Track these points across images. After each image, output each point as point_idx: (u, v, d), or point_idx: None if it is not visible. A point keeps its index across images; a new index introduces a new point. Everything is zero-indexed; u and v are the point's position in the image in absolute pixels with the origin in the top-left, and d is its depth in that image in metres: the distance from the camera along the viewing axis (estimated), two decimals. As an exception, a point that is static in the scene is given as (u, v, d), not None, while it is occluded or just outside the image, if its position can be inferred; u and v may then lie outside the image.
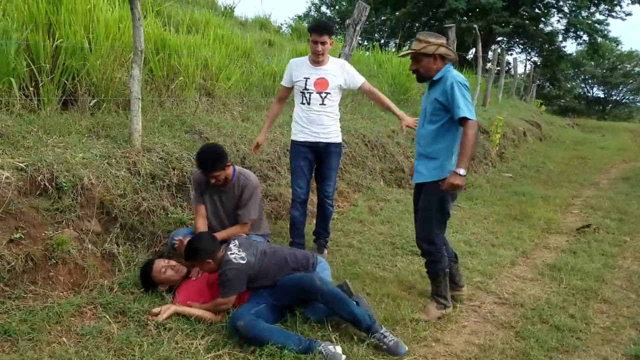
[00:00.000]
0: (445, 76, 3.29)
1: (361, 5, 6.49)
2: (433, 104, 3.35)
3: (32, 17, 4.53)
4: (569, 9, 25.62)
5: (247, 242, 3.33)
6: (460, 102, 3.19)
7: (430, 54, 3.30)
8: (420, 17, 27.00)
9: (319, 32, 4.01)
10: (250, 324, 2.85)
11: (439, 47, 3.29)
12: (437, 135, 3.37)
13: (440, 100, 3.28)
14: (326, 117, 4.20)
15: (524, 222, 5.99)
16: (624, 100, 42.46)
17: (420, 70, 3.37)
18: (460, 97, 3.20)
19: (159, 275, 3.30)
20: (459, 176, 3.18)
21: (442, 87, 3.27)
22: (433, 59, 3.31)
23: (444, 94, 3.25)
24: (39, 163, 3.45)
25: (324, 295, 3.01)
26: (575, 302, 3.87)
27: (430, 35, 3.35)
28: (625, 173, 10.15)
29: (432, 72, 3.35)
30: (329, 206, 4.44)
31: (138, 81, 4.10)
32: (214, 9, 10.99)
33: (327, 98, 4.16)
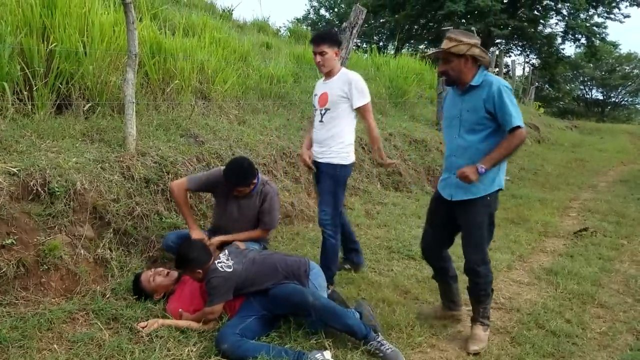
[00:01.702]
0: (489, 80, 2.99)
1: (358, 9, 6.48)
2: (476, 112, 3.02)
3: (27, 21, 4.51)
4: (567, 12, 25.63)
5: (237, 251, 3.31)
6: (512, 110, 2.90)
7: (462, 55, 2.97)
8: (418, 19, 27.04)
9: (316, 42, 3.85)
10: (234, 345, 2.80)
11: (472, 48, 2.97)
12: (484, 146, 3.02)
13: (487, 107, 2.96)
14: (324, 134, 3.86)
15: (521, 225, 5.97)
16: (622, 102, 42.52)
17: (450, 72, 3.06)
18: (511, 105, 2.92)
19: (148, 285, 3.27)
20: (477, 172, 2.91)
21: (486, 93, 2.96)
22: (464, 61, 3.00)
23: (491, 100, 2.94)
24: (32, 168, 3.43)
25: (316, 310, 2.96)
26: (571, 306, 3.85)
27: (462, 33, 3.04)
28: (624, 176, 10.14)
29: (464, 75, 3.04)
30: (327, 237, 3.90)
31: (132, 85, 4.08)
32: (212, 12, 10.98)
33: (326, 114, 3.88)
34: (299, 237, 4.86)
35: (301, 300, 2.99)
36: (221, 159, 4.74)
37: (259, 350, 2.79)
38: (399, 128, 8.24)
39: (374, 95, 8.86)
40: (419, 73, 11.09)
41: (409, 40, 28.90)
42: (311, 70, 8.56)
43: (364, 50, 12.66)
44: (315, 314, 2.97)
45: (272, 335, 3.04)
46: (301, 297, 3.00)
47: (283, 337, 3.05)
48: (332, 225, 3.87)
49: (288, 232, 4.89)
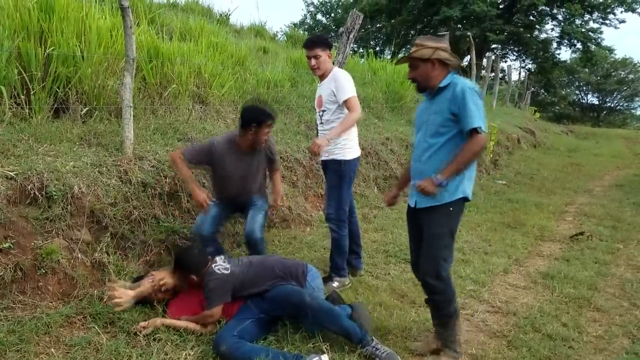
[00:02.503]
0: (454, 82, 2.87)
1: (355, 14, 6.50)
2: (441, 114, 2.87)
3: (24, 25, 4.52)
4: (563, 17, 25.83)
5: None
6: (473, 111, 2.75)
7: (427, 59, 2.88)
8: (415, 24, 27.19)
9: (308, 46, 3.96)
10: (232, 347, 2.81)
11: (437, 51, 2.86)
12: (447, 150, 2.86)
13: (451, 109, 2.82)
14: (326, 134, 3.89)
15: (517, 229, 5.99)
16: (618, 107, 42.74)
17: (418, 78, 2.95)
18: (474, 106, 2.77)
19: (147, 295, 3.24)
20: (433, 184, 2.78)
21: (451, 94, 2.83)
22: (431, 65, 2.89)
23: (454, 101, 2.81)
24: (29, 172, 3.43)
25: (314, 311, 2.98)
26: (568, 310, 3.87)
27: (428, 38, 2.95)
28: (619, 180, 10.18)
29: (432, 80, 2.92)
30: (331, 231, 4.06)
31: (130, 89, 4.09)
32: (209, 17, 11.00)
33: (324, 115, 3.99)
34: (295, 241, 4.86)
35: (299, 301, 3.00)
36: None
37: (257, 352, 2.79)
38: (395, 132, 8.27)
39: (370, 99, 8.92)
40: (416, 78, 11.10)
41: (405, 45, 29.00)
42: (308, 75, 8.57)
43: (360, 55, 12.67)
44: (312, 315, 2.98)
45: (269, 339, 3.04)
46: (299, 298, 3.01)
47: (280, 340, 3.05)
48: (335, 219, 4.01)
49: (285, 235, 4.89)
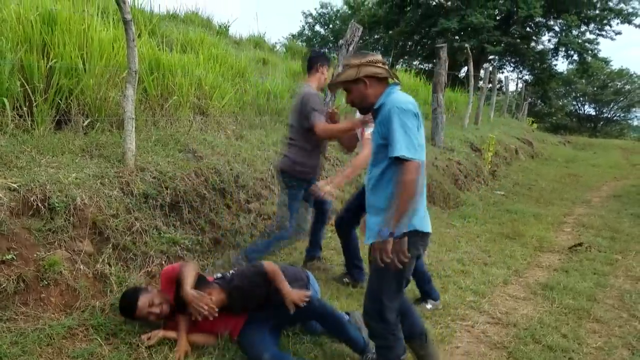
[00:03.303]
0: (384, 102, 2.56)
1: (354, 26, 6.57)
2: (375, 140, 2.61)
3: (27, 38, 4.56)
4: (559, 28, 26.04)
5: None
6: (397, 136, 2.42)
7: (352, 80, 2.62)
8: (413, 35, 27.40)
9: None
10: (277, 356, 2.85)
11: (361, 68, 2.59)
12: (383, 180, 2.58)
13: (382, 132, 2.53)
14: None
15: (516, 240, 6.01)
16: (615, 117, 42.92)
17: (355, 101, 2.68)
18: (400, 128, 2.43)
19: (140, 314, 3.10)
20: (381, 239, 2.44)
21: (381, 115, 2.55)
22: (363, 84, 2.60)
23: (383, 123, 2.52)
24: (32, 183, 3.44)
25: (322, 316, 3.00)
26: (567, 321, 3.88)
27: (354, 56, 2.71)
28: (617, 191, 10.22)
29: (369, 99, 2.63)
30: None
31: (132, 101, 4.12)
32: (209, 28, 11.08)
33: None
34: (296, 252, 4.88)
35: (308, 305, 3.00)
36: (219, 174, 4.77)
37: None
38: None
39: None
40: (414, 89, 11.19)
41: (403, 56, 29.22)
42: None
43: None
44: (320, 319, 3.00)
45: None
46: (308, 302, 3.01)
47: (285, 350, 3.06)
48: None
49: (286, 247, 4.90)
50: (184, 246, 4.10)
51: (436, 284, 4.48)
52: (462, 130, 11.61)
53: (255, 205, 5.06)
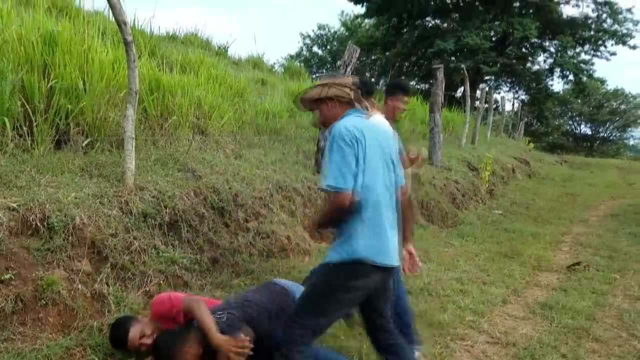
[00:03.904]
0: (333, 126, 2.55)
1: (352, 47, 6.64)
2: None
3: (28, 58, 4.60)
4: (555, 49, 26.36)
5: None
6: (326, 166, 2.44)
7: (315, 99, 2.65)
8: (410, 56, 27.68)
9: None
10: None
11: (325, 89, 2.60)
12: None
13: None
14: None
15: (514, 259, 6.01)
16: (611, 137, 43.16)
17: (321, 120, 2.71)
18: (331, 157, 2.42)
19: (132, 345, 2.98)
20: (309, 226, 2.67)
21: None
22: (325, 105, 2.63)
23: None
24: (31, 203, 3.45)
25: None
26: (567, 341, 3.87)
27: (326, 76, 2.75)
28: (614, 210, 10.25)
29: (330, 121, 2.64)
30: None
31: (132, 121, 4.15)
32: (208, 49, 11.18)
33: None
34: (295, 271, 4.86)
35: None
36: (218, 193, 4.79)
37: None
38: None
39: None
40: (411, 109, 11.27)
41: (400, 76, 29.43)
42: (306, 106, 8.69)
43: (356, 86, 12.81)
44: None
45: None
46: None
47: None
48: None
49: (284, 265, 4.90)
50: (183, 265, 4.10)
51: (435, 303, 4.48)
52: (459, 149, 11.67)
53: (253, 224, 5.06)
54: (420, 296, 4.63)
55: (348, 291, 2.50)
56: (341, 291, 2.50)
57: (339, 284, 2.50)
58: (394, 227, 2.61)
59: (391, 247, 2.56)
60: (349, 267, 2.46)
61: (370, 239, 2.47)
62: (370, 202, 2.46)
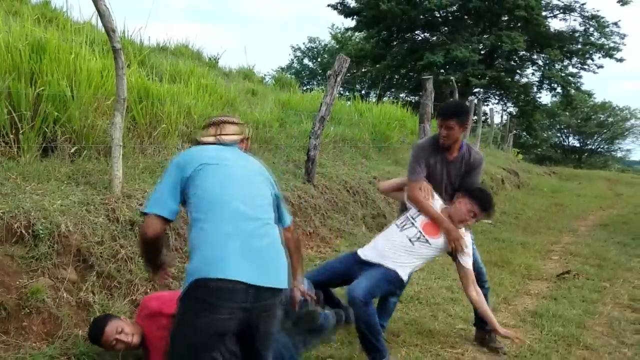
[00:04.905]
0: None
1: (342, 58, 6.66)
2: None
3: (15, 66, 4.57)
4: (543, 62, 26.67)
5: None
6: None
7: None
8: (399, 69, 27.91)
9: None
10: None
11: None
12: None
13: None
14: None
15: (504, 268, 6.01)
16: (598, 149, 43.66)
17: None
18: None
19: (108, 343, 2.93)
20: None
21: None
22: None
23: None
24: (16, 210, 3.40)
25: None
26: (557, 348, 3.86)
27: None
28: (603, 220, 10.31)
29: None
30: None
31: (120, 128, 4.12)
32: (199, 60, 11.19)
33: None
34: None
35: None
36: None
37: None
38: (382, 172, 8.34)
39: (357, 139, 9.03)
40: (401, 120, 11.32)
41: (390, 89, 29.67)
42: (296, 115, 8.71)
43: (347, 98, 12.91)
44: None
45: None
46: None
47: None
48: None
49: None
50: (171, 274, 4.04)
51: (425, 311, 4.47)
52: (449, 160, 11.72)
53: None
54: (411, 304, 4.61)
55: (196, 332, 2.04)
56: (190, 335, 2.06)
57: (186, 324, 2.09)
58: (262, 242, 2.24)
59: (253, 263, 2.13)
60: (192, 292, 2.08)
61: (215, 254, 2.12)
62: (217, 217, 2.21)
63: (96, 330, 2.94)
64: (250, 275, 2.05)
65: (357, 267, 3.44)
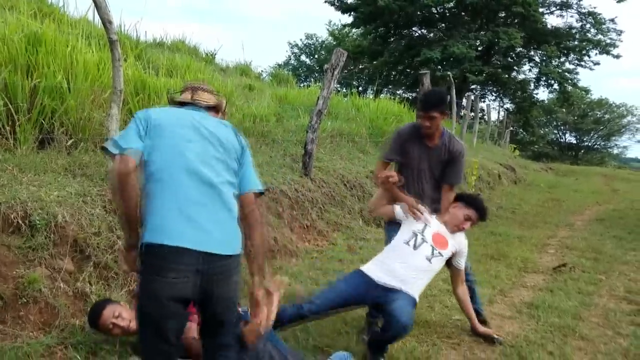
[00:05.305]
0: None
1: (339, 51, 6.66)
2: None
3: (11, 58, 4.57)
4: (539, 59, 26.70)
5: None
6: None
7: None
8: (397, 65, 27.88)
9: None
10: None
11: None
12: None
13: None
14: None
15: (501, 261, 6.02)
16: (595, 146, 43.73)
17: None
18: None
19: (105, 326, 2.99)
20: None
21: None
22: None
23: None
24: (13, 201, 3.41)
25: None
26: (553, 339, 3.88)
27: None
28: (599, 215, 10.33)
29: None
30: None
31: (117, 120, 4.12)
32: (196, 56, 11.18)
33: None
34: (282, 272, 4.84)
35: None
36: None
37: None
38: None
39: (354, 134, 9.03)
40: (398, 115, 11.33)
41: (387, 85, 29.65)
42: (293, 110, 8.71)
43: (344, 94, 12.91)
44: None
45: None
46: None
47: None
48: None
49: (271, 266, 4.86)
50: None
51: (422, 302, 4.46)
52: (446, 155, 11.73)
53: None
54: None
55: (150, 299, 2.06)
56: (146, 304, 2.09)
57: (142, 293, 2.10)
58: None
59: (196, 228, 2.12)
60: (149, 257, 2.08)
61: (166, 217, 2.12)
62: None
63: (94, 313, 3.00)
64: (193, 241, 2.06)
65: (375, 292, 3.29)
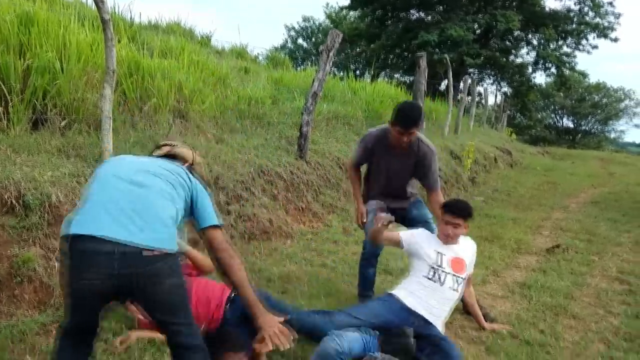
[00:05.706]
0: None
1: (334, 32, 6.61)
2: None
3: (3, 38, 4.53)
4: (537, 42, 26.57)
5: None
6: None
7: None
8: (394, 49, 27.68)
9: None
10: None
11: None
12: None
13: None
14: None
15: (495, 242, 6.06)
16: (592, 130, 43.72)
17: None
18: None
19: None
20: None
21: None
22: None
23: None
24: (6, 181, 3.41)
25: None
26: (545, 318, 3.92)
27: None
28: (594, 197, 10.37)
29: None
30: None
31: (110, 100, 4.10)
32: (191, 38, 11.08)
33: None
34: (276, 253, 4.87)
35: None
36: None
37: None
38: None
39: (350, 117, 9.00)
40: (394, 98, 11.29)
41: (384, 68, 29.51)
42: (289, 93, 8.68)
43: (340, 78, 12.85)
44: None
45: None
46: None
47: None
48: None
49: (266, 247, 4.89)
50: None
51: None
52: (442, 138, 11.72)
53: (235, 207, 5.04)
54: (402, 276, 4.64)
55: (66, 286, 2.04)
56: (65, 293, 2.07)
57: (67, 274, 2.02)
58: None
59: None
60: (65, 246, 2.03)
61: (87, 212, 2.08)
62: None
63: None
64: (97, 229, 1.98)
65: (412, 319, 3.23)
